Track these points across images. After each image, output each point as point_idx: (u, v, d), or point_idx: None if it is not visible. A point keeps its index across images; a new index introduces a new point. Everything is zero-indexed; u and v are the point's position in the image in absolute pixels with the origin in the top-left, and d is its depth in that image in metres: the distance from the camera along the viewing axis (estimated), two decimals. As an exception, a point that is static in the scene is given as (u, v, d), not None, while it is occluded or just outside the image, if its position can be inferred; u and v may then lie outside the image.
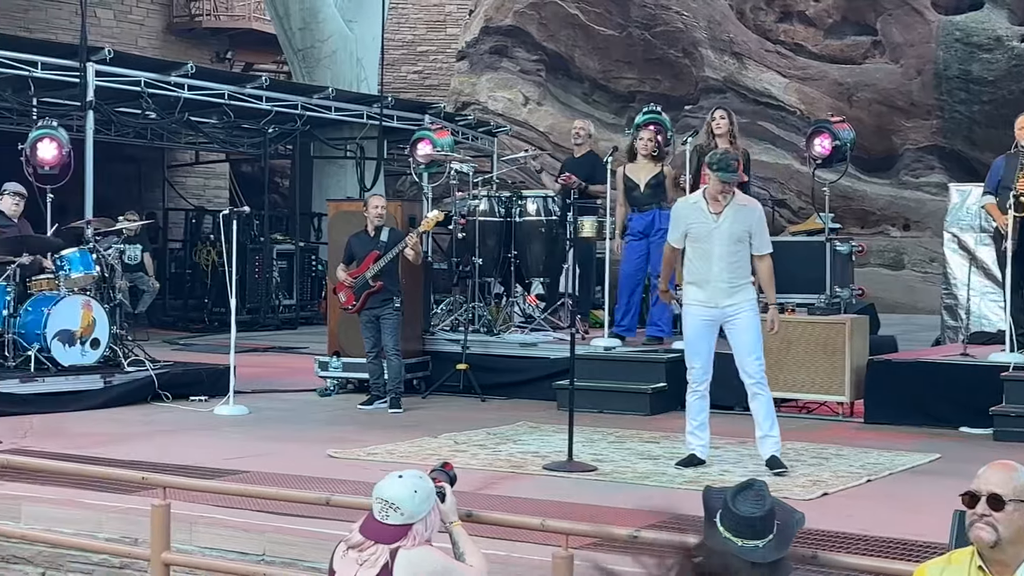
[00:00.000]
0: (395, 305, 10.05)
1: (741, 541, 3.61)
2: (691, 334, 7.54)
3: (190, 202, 21.48)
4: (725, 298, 7.35)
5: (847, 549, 5.43)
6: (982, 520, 3.39)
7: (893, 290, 19.18)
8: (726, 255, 7.32)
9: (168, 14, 24.00)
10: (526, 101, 22.47)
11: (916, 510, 6.32)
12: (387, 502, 3.97)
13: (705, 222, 7.35)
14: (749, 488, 3.71)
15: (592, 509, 6.32)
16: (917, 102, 19.85)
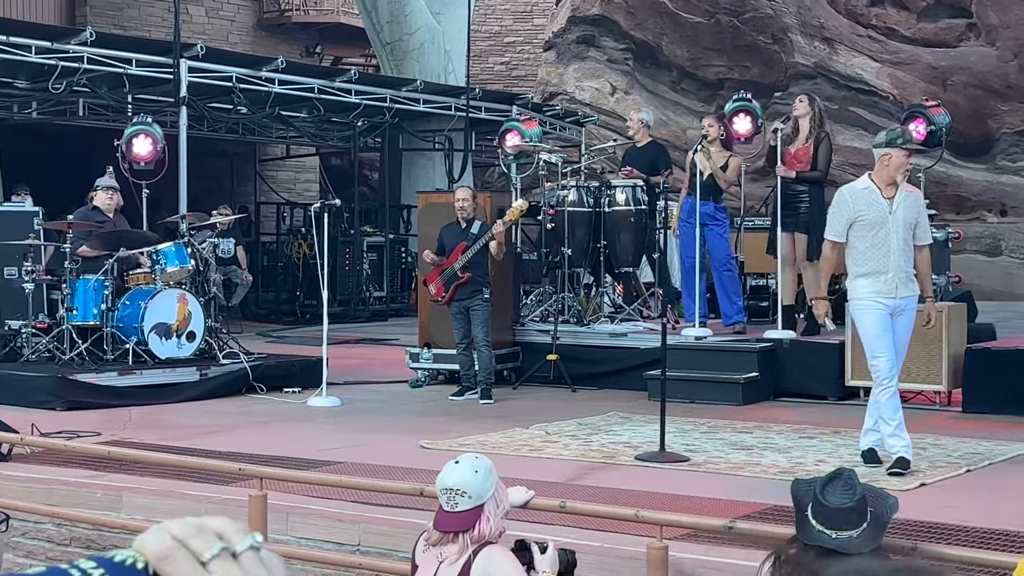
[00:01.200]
0: (484, 296, 10.06)
1: (835, 533, 3.57)
2: (872, 328, 7.12)
3: (281, 196, 21.72)
4: (902, 288, 7.07)
5: (947, 540, 5.34)
6: None
7: (991, 277, 18.81)
8: (902, 242, 7.04)
9: (258, 9, 24.28)
10: (613, 90, 22.39)
11: (1016, 500, 6.20)
12: (452, 490, 4.02)
13: (880, 208, 7.04)
14: (838, 478, 3.67)
15: (686, 500, 6.29)
16: (1014, 85, 19.44)
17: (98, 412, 9.36)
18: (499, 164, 13.83)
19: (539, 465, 7.35)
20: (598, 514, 5.12)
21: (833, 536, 3.57)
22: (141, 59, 13.84)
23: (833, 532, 3.57)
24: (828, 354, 10.03)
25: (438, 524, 4.05)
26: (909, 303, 7.10)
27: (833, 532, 3.57)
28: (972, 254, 19.29)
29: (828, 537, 3.57)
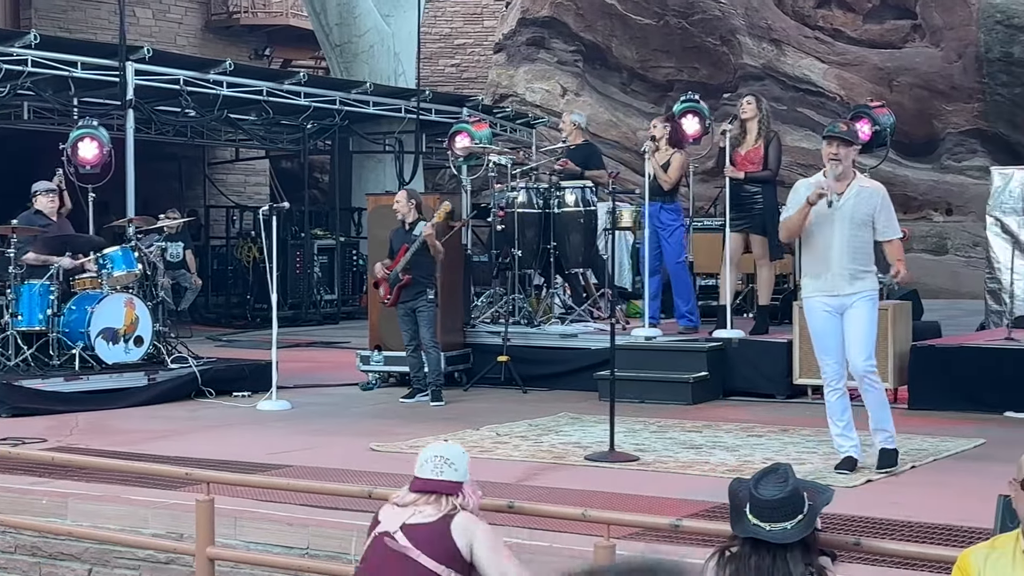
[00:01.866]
0: (429, 297, 10.07)
1: (769, 525, 3.61)
2: (817, 328, 7.06)
3: (231, 199, 21.60)
4: (846, 286, 6.88)
5: (891, 536, 5.40)
6: None
7: (937, 275, 19.02)
8: (847, 240, 6.85)
9: (206, 12, 24.13)
10: (564, 92, 22.45)
11: (961, 496, 6.27)
12: (442, 457, 4.21)
13: (825, 206, 6.88)
14: (772, 472, 3.72)
15: (634, 499, 6.32)
16: (958, 86, 19.67)
17: (44, 418, 9.28)
18: (449, 166, 13.81)
19: (489, 466, 7.35)
20: (546, 514, 5.14)
21: (767, 528, 3.61)
22: (87, 62, 13.71)
23: (767, 524, 3.61)
24: (776, 353, 10.11)
25: (421, 486, 4.20)
26: (856, 300, 6.90)
27: (767, 524, 3.61)
28: (919, 253, 19.50)
29: (762, 529, 3.60)
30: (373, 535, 4.24)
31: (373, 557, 4.20)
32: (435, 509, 4.18)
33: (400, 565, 4.12)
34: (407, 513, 4.21)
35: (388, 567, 4.14)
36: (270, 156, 22.78)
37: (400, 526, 4.18)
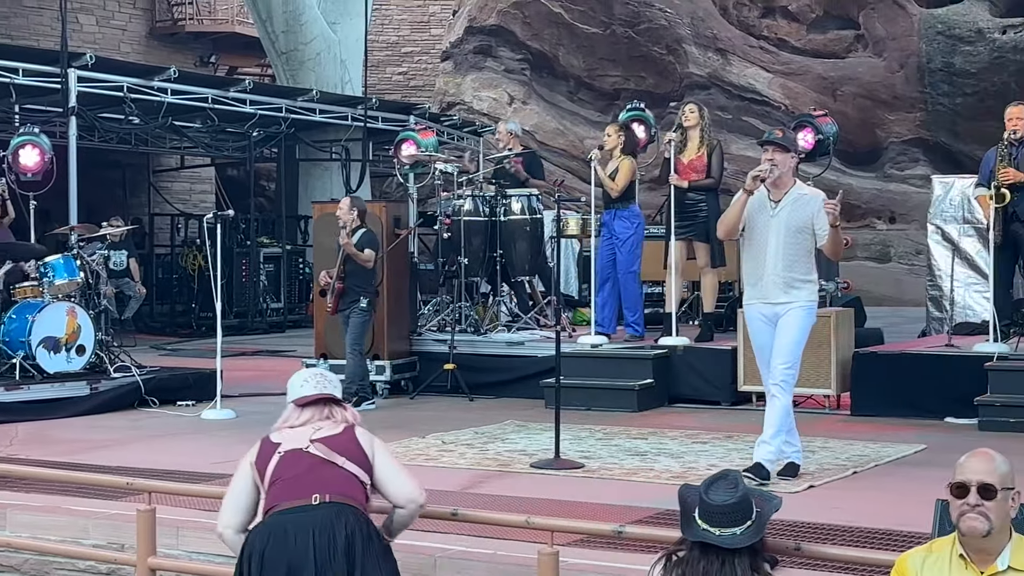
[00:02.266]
0: (361, 305, 10.07)
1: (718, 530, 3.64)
2: (754, 339, 7.07)
3: (176, 207, 21.44)
4: (781, 294, 6.82)
5: (832, 540, 5.45)
6: (975, 510, 3.37)
7: (880, 283, 19.23)
8: (782, 247, 6.78)
9: (151, 19, 23.96)
10: (511, 100, 22.49)
11: (901, 501, 6.34)
12: (319, 374, 4.44)
13: (763, 213, 6.87)
14: (723, 478, 3.75)
15: (579, 506, 6.33)
16: (900, 95, 19.91)
17: (-16, 428, 9.16)
18: (396, 174, 13.79)
19: (434, 474, 7.34)
20: (489, 521, 5.13)
21: (717, 533, 3.63)
22: (28, 68, 13.58)
23: (717, 529, 3.63)
24: (721, 360, 10.17)
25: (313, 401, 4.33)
26: (791, 308, 6.83)
27: (717, 529, 3.63)
28: (863, 260, 19.72)
29: (712, 534, 3.63)
30: (279, 455, 4.25)
31: (288, 472, 4.21)
32: (333, 424, 4.33)
33: (322, 472, 4.20)
34: (308, 431, 4.29)
35: (309, 476, 4.19)
36: (216, 164, 22.64)
37: (310, 440, 4.26)
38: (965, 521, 3.39)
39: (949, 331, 10.66)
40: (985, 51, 19.03)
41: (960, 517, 3.40)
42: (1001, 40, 18.96)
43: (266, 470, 4.25)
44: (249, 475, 4.31)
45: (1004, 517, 3.39)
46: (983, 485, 3.37)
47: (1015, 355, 9.12)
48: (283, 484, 4.21)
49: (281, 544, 4.10)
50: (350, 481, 4.23)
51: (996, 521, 3.37)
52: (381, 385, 10.93)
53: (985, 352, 9.17)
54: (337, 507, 4.16)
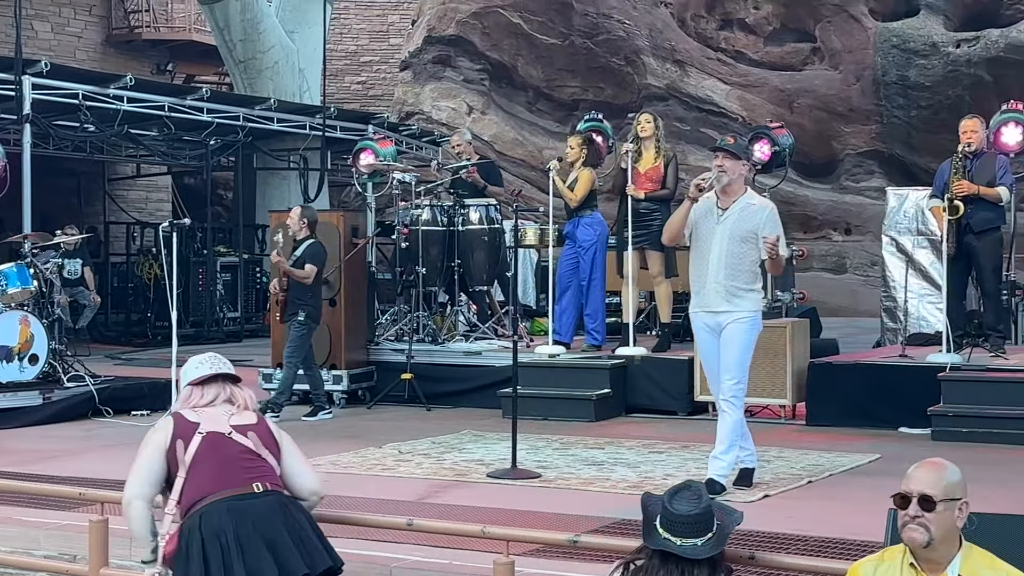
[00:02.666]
0: (299, 318, 10.06)
1: (680, 540, 3.65)
2: (699, 347, 7.06)
3: (132, 215, 21.29)
4: (722, 303, 6.78)
5: (786, 549, 5.47)
6: (914, 521, 3.41)
7: (836, 294, 19.37)
8: (725, 255, 6.74)
9: (107, 26, 23.79)
10: (470, 110, 22.50)
11: (854, 510, 6.38)
12: (213, 355, 4.52)
13: (709, 219, 6.82)
14: (686, 488, 3.77)
15: (535, 516, 6.33)
16: (856, 108, 20.08)
17: (-65, 438, 9.05)
18: (355, 183, 13.76)
19: (391, 484, 7.34)
20: (445, 531, 5.12)
21: (678, 543, 3.65)
22: (-19, 75, 13.46)
23: (678, 539, 3.65)
24: (678, 370, 10.21)
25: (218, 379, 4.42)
26: (734, 319, 6.80)
27: (678, 539, 3.65)
28: (819, 271, 19.86)
29: (673, 544, 3.64)
30: (201, 435, 4.29)
31: (213, 456, 4.26)
32: (241, 408, 4.41)
33: (254, 462, 4.29)
34: (223, 414, 4.36)
35: (242, 465, 4.26)
36: (172, 172, 22.50)
37: (231, 426, 4.33)
38: (906, 531, 3.43)
39: (903, 342, 10.76)
40: (939, 64, 19.23)
41: (902, 527, 3.44)
42: (955, 54, 19.17)
43: (187, 448, 4.29)
44: (163, 448, 4.33)
45: (948, 528, 3.41)
46: (923, 496, 3.40)
47: (968, 366, 9.21)
48: (211, 470, 4.24)
49: (248, 523, 4.14)
50: (274, 472, 4.34)
51: (937, 532, 3.39)
52: (338, 395, 10.90)
53: (938, 363, 9.25)
54: (280, 496, 4.28)
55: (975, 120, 9.81)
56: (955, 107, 18.32)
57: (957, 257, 9.57)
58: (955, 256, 9.54)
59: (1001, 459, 7.90)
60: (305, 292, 10.13)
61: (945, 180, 9.58)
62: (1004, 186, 9.52)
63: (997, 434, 8.55)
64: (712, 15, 21.28)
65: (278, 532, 4.17)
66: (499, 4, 21.90)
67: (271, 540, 4.15)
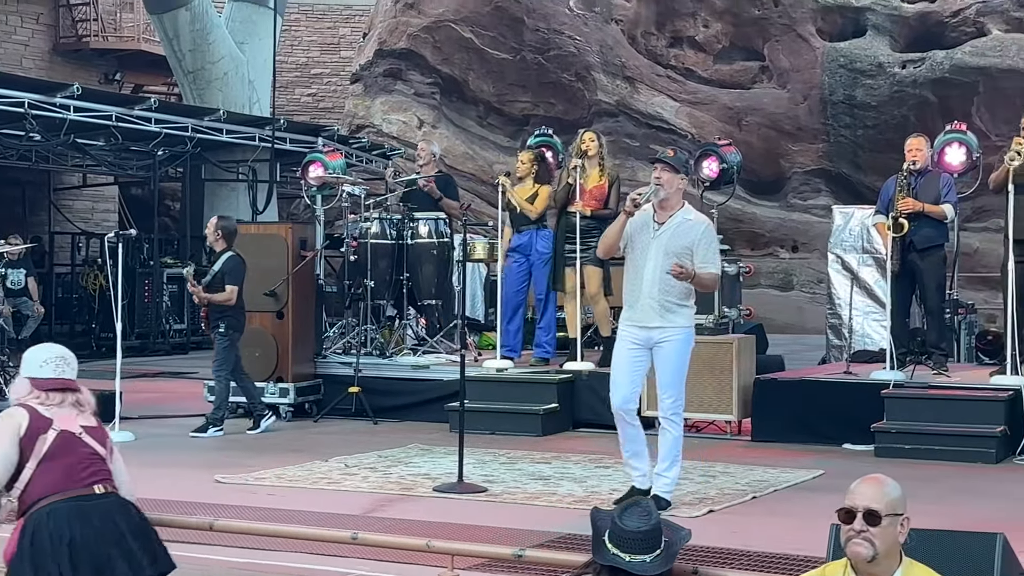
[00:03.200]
0: (220, 330, 10.02)
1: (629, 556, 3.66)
2: (615, 357, 6.98)
3: (77, 225, 21.10)
4: (655, 318, 6.69)
5: (730, 564, 5.50)
6: (860, 536, 3.43)
7: (783, 311, 19.52)
8: (660, 270, 6.66)
9: (54, 35, 23.59)
10: (421, 124, 22.50)
11: (798, 525, 6.42)
12: (61, 357, 4.51)
13: (645, 233, 6.76)
14: (636, 505, 3.78)
15: (481, 530, 6.32)
16: (804, 126, 20.27)
17: None
18: (303, 196, 13.72)
19: (336, 498, 7.30)
20: (390, 545, 5.11)
21: (627, 559, 3.65)
22: (-74, 83, 13.31)
23: (627, 555, 3.65)
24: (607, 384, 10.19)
25: (59, 385, 4.43)
26: (665, 336, 6.73)
27: (627, 555, 3.65)
28: (766, 288, 20.00)
29: (622, 560, 3.65)
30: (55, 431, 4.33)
31: (64, 455, 4.32)
32: (88, 411, 4.47)
33: (99, 464, 4.37)
34: (74, 415, 4.41)
35: (88, 467, 4.34)
36: (119, 182, 22.33)
37: (81, 427, 4.40)
38: (850, 546, 3.45)
39: (848, 359, 10.85)
40: (885, 85, 19.47)
41: (846, 542, 3.47)
42: (901, 74, 19.41)
43: (39, 441, 4.31)
44: (18, 435, 4.32)
45: (891, 542, 3.45)
46: (868, 511, 3.44)
47: (911, 383, 9.30)
48: (61, 467, 4.29)
49: (92, 524, 4.22)
50: (111, 475, 4.42)
51: (881, 547, 3.43)
52: (284, 408, 10.84)
53: (882, 380, 9.33)
54: (119, 498, 4.37)
55: (920, 139, 9.94)
56: (900, 127, 18.56)
57: (901, 275, 9.67)
58: (899, 274, 9.64)
59: (941, 475, 7.99)
60: (223, 306, 10.07)
61: (890, 197, 9.68)
62: (949, 204, 9.64)
63: (938, 451, 8.63)
64: (662, 32, 21.43)
65: (121, 534, 4.27)
66: (451, 18, 21.94)
67: (116, 541, 4.24)
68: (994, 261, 16.28)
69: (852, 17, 20.07)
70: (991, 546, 4.00)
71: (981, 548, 4.01)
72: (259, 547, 5.82)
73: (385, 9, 23.01)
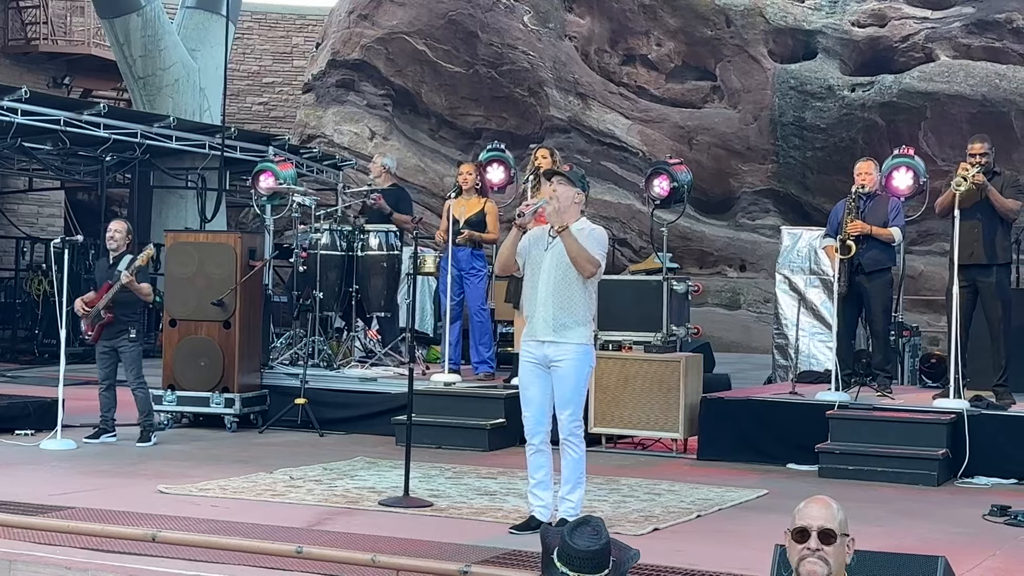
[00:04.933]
0: (130, 336, 9.89)
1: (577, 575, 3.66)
2: (521, 378, 6.78)
3: (22, 230, 20.85)
4: (549, 332, 6.51)
5: (674, 583, 5.52)
6: (815, 555, 3.45)
7: (730, 329, 19.64)
8: (552, 281, 6.52)
9: (3, 37, 23.34)
10: (372, 135, 22.46)
11: (742, 544, 6.45)
12: None
13: (539, 246, 6.63)
14: (586, 523, 3.78)
15: (426, 545, 6.29)
16: (753, 147, 20.44)
17: None
18: (253, 205, 13.64)
19: (280, 510, 7.25)
20: (335, 559, 5.08)
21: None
22: None
23: (575, 574, 3.65)
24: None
25: None
26: (560, 353, 6.52)
27: (575, 574, 3.65)
28: (713, 307, 20.12)
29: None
30: None
31: None
32: None
33: None
34: None
35: None
36: (66, 187, 22.10)
37: None
38: (805, 565, 3.47)
39: (793, 379, 10.94)
40: (835, 107, 19.67)
41: (800, 561, 3.49)
42: (850, 98, 19.62)
43: None
44: None
45: (840, 562, 3.49)
46: (823, 530, 3.46)
47: (855, 404, 9.38)
48: None
49: None
50: None
51: (834, 565, 3.46)
52: (229, 418, 10.76)
53: (827, 400, 9.41)
54: None
55: (870, 162, 10.05)
56: (848, 149, 18.78)
57: (848, 296, 9.76)
58: (846, 295, 9.73)
59: (884, 497, 8.06)
60: (135, 309, 9.99)
61: (839, 219, 9.78)
62: (897, 227, 9.75)
63: (881, 472, 8.71)
64: (615, 50, 21.54)
65: None
66: (404, 31, 21.93)
67: None
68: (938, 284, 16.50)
69: (803, 40, 20.28)
70: (933, 569, 4.04)
71: (923, 571, 4.04)
72: (202, 559, 5.76)
73: (339, 19, 22.97)
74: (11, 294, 19.26)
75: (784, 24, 20.29)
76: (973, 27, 19.40)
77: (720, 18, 20.45)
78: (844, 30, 19.99)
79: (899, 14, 19.82)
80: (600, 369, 9.38)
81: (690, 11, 20.57)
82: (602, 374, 9.76)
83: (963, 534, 6.96)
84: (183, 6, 22.55)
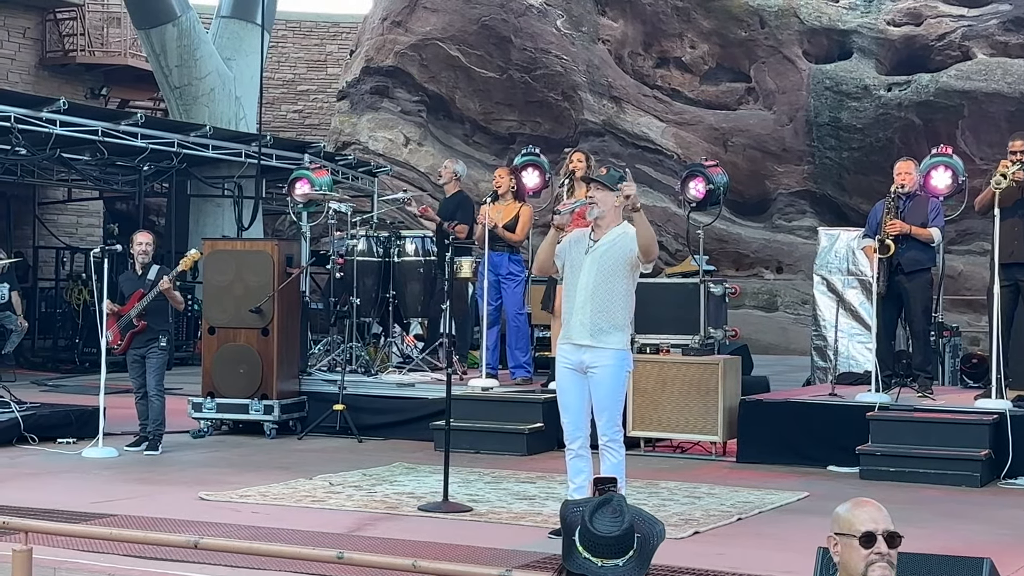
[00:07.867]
0: (160, 344, 9.95)
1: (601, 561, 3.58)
2: (558, 383, 6.76)
3: (62, 240, 21.03)
4: (586, 336, 6.45)
5: (716, 587, 5.50)
6: (883, 559, 3.39)
7: (767, 331, 19.55)
8: (591, 285, 6.45)
9: (41, 49, 23.53)
10: (407, 142, 22.52)
11: (783, 547, 6.42)
12: None
13: (580, 250, 6.59)
14: (607, 504, 3.69)
15: (466, 549, 6.30)
16: (789, 148, 20.35)
17: None
18: (289, 212, 13.70)
19: (321, 516, 7.28)
20: (375, 564, 5.07)
21: (599, 565, 3.58)
22: (-88, 95, 13.25)
23: (599, 560, 3.58)
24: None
25: None
26: (597, 357, 6.47)
27: (599, 560, 3.58)
28: (750, 309, 20.04)
29: (594, 566, 3.58)
30: None
31: None
32: None
33: None
34: None
35: None
36: (104, 198, 22.27)
37: None
38: (875, 570, 3.39)
39: (833, 380, 10.87)
40: (871, 107, 19.56)
41: (869, 567, 3.41)
42: (886, 97, 19.51)
43: None
44: None
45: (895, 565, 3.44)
46: (890, 533, 3.40)
47: (896, 405, 9.31)
48: None
49: None
50: None
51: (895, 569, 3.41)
52: (269, 425, 10.80)
53: (867, 402, 9.35)
54: None
55: (909, 162, 9.98)
56: (885, 149, 18.67)
57: (887, 297, 9.69)
58: (885, 296, 9.66)
59: (927, 499, 8.00)
60: (166, 318, 10.05)
61: (878, 219, 9.72)
62: (936, 228, 9.68)
63: (923, 474, 8.65)
64: (649, 53, 21.50)
65: None
66: (438, 37, 21.98)
67: None
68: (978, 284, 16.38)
69: (838, 40, 20.18)
70: (978, 571, 3.99)
71: (969, 573, 4.00)
72: (244, 565, 5.79)
73: (372, 27, 23.05)
74: (52, 303, 19.43)
75: (819, 24, 20.20)
76: (1010, 24, 19.24)
77: (754, 19, 20.38)
78: (879, 29, 19.88)
79: (935, 12, 19.69)
80: (638, 372, 9.36)
81: (724, 13, 20.52)
82: (640, 377, 9.74)
83: (1008, 535, 6.91)
84: (218, 15, 22.69)
